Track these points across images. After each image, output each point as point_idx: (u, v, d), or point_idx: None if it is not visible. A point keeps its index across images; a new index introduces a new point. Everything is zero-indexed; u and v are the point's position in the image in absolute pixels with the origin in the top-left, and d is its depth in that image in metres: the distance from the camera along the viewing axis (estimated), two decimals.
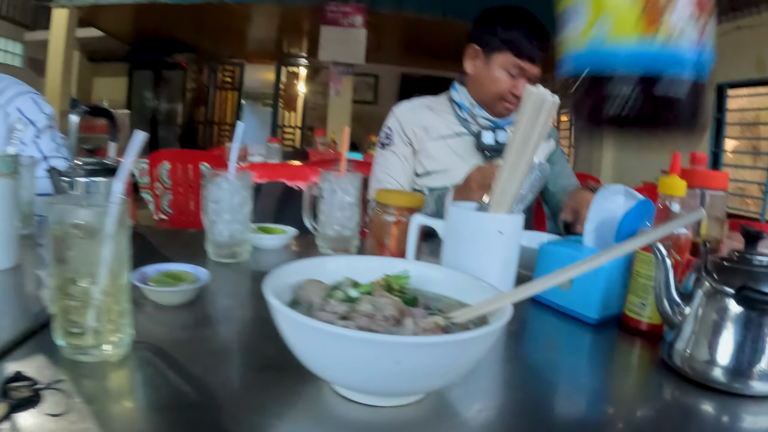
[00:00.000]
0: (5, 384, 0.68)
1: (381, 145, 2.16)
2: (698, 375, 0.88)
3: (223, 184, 1.39)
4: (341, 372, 0.69)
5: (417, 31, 9.55)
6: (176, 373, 0.80)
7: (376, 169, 2.16)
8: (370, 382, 0.69)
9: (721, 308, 0.87)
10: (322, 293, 0.82)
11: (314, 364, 0.71)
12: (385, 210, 1.26)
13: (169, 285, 1.07)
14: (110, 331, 0.81)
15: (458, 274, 0.91)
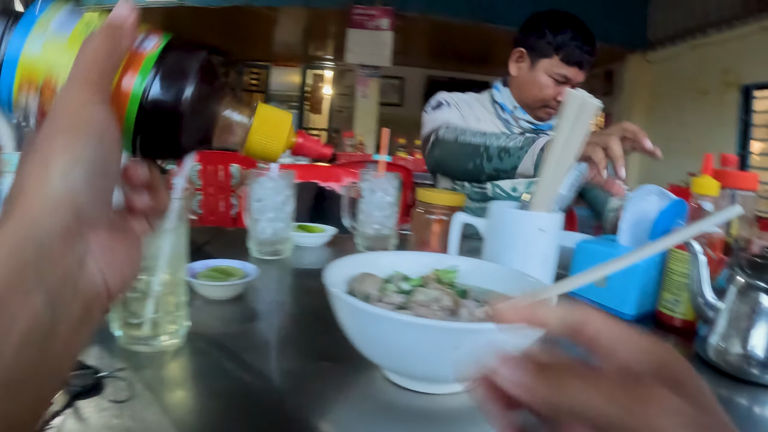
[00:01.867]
0: None
1: (432, 108, 2.04)
2: (732, 368, 0.91)
3: (267, 183, 1.43)
4: (401, 358, 0.73)
5: (444, 35, 9.54)
6: (231, 362, 0.83)
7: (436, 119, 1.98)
8: (428, 367, 0.72)
9: (753, 302, 0.91)
10: (377, 285, 0.86)
11: (374, 352, 0.75)
12: (427, 209, 1.30)
13: (219, 280, 1.10)
14: (167, 323, 0.85)
15: (504, 269, 0.95)
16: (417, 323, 0.67)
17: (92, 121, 0.40)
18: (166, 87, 0.46)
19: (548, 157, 1.05)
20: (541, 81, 1.94)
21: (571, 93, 1.01)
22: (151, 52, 0.47)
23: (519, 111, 2.03)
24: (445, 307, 0.77)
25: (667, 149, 5.49)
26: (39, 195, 0.37)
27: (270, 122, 0.54)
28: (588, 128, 1.02)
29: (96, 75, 0.42)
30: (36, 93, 0.45)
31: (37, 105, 0.46)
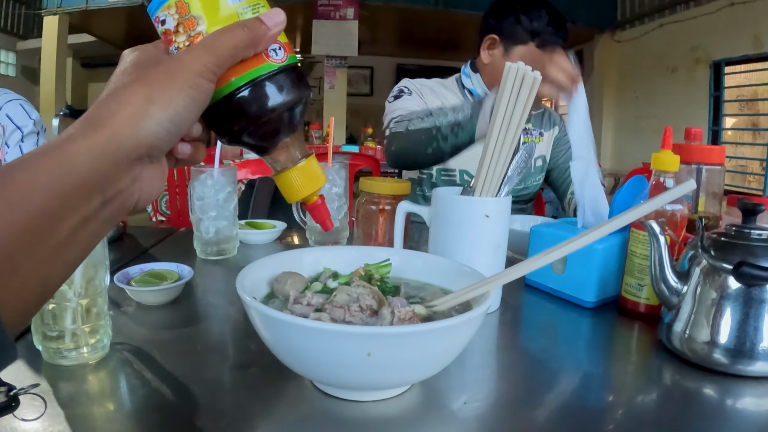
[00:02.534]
0: None
1: (393, 98, 2.01)
2: (698, 357, 0.85)
3: (208, 181, 1.38)
4: (313, 366, 0.67)
5: (411, 22, 9.51)
6: (155, 374, 0.78)
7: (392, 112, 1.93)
8: (343, 375, 0.66)
9: (719, 286, 0.83)
10: (299, 285, 0.79)
11: (287, 358, 0.68)
12: (370, 198, 1.23)
13: (152, 284, 1.05)
14: (88, 334, 0.80)
15: (441, 260, 0.89)
16: (320, 329, 0.60)
17: (200, 90, 0.49)
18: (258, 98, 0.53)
19: (489, 136, 0.97)
20: None
21: (510, 66, 0.93)
22: (272, 61, 0.53)
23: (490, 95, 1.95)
24: (367, 306, 0.70)
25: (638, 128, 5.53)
26: (131, 126, 0.46)
27: (310, 174, 0.60)
28: (530, 103, 0.94)
29: (225, 57, 0.50)
30: (176, 14, 0.52)
31: (173, 24, 0.52)
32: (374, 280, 0.82)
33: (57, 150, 0.43)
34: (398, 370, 0.64)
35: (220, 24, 0.51)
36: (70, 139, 0.44)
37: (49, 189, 0.42)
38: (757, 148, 6.59)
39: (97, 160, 0.44)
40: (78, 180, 0.43)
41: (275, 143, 0.57)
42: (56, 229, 0.42)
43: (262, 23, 0.51)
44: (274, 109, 0.53)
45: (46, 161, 0.43)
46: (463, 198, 1.02)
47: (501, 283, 0.70)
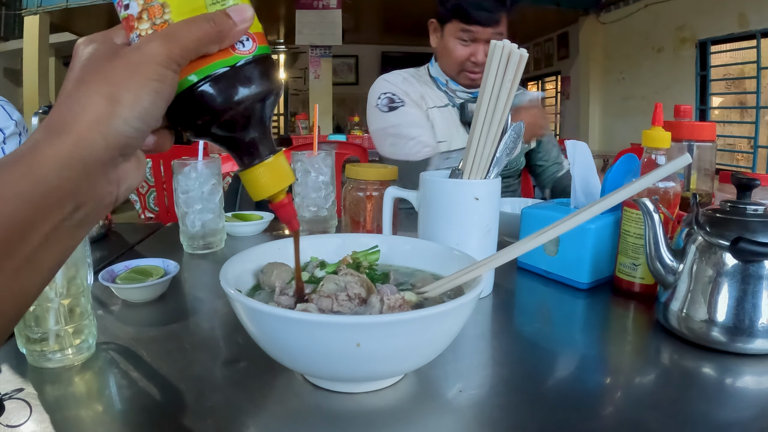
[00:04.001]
0: None
1: (390, 108, 2.04)
2: (696, 336, 0.83)
3: (192, 174, 1.36)
4: (301, 359, 0.65)
5: (394, 9, 9.50)
6: (142, 373, 0.77)
7: (405, 125, 2.00)
8: (333, 367, 0.64)
9: (716, 263, 0.82)
10: (285, 276, 0.77)
11: (274, 352, 0.67)
12: (356, 185, 1.21)
13: (137, 281, 1.03)
14: (72, 335, 0.78)
15: (431, 245, 0.87)
16: (306, 320, 0.58)
17: (165, 82, 0.46)
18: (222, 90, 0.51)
19: (476, 116, 0.95)
20: (449, 46, 1.96)
21: (495, 44, 0.91)
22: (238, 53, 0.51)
23: (451, 83, 2.04)
24: (355, 295, 0.67)
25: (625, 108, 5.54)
26: (98, 130, 0.44)
27: (278, 171, 0.58)
28: (517, 81, 0.92)
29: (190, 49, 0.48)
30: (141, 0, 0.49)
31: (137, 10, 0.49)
32: (362, 268, 0.81)
33: (23, 159, 0.42)
34: (389, 359, 0.62)
35: (186, 14, 0.49)
36: (35, 146, 0.43)
37: (19, 198, 0.41)
38: (744, 126, 6.62)
39: (65, 168, 0.43)
40: (48, 188, 0.42)
41: (241, 137, 0.55)
42: (28, 239, 0.42)
43: (228, 18, 0.49)
44: (239, 102, 0.52)
45: (14, 170, 0.42)
46: (451, 181, 1.00)
47: (493, 267, 0.69)
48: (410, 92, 2.03)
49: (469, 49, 1.93)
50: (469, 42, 1.92)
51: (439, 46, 2.02)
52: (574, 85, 9.96)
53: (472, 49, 1.92)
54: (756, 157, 6.35)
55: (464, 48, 1.93)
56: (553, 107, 11.09)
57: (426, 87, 2.07)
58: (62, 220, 0.44)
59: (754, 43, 6.26)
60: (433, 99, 2.03)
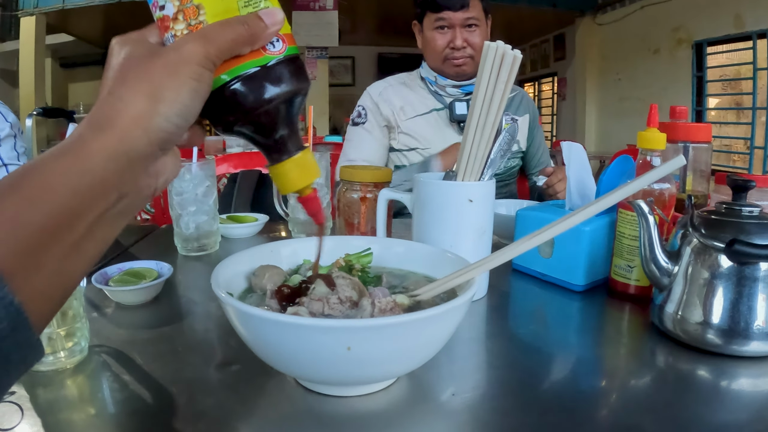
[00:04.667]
0: None
1: (353, 123, 2.16)
2: (692, 338, 0.83)
3: (186, 176, 1.35)
4: (293, 362, 0.64)
5: (390, 10, 9.50)
6: (134, 376, 0.76)
7: (347, 146, 2.14)
8: (324, 371, 0.64)
9: (711, 265, 0.81)
10: (277, 279, 0.77)
11: (266, 355, 0.66)
12: (350, 187, 1.20)
13: (130, 284, 1.03)
14: (64, 337, 0.78)
15: (424, 247, 0.87)
16: (296, 323, 0.58)
17: (203, 81, 0.49)
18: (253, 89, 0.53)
19: (470, 118, 0.95)
20: (429, 37, 2.04)
21: (488, 45, 0.91)
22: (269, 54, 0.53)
23: (440, 79, 2.08)
24: (347, 298, 0.67)
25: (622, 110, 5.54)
26: (141, 126, 0.46)
27: (305, 166, 0.59)
28: (511, 82, 0.91)
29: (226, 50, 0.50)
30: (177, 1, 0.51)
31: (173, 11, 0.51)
32: (355, 271, 0.80)
33: (71, 151, 0.45)
34: (381, 363, 0.62)
35: (221, 16, 0.51)
36: (81, 140, 0.45)
37: (67, 188, 0.43)
38: (741, 127, 6.63)
39: (110, 161, 0.45)
40: (94, 179, 0.44)
41: (271, 134, 0.57)
42: (75, 227, 0.44)
43: (261, 21, 0.52)
44: (269, 100, 0.53)
45: (62, 162, 0.44)
46: (445, 183, 0.99)
47: (487, 269, 0.68)
48: (384, 109, 2.10)
49: (447, 37, 1.99)
50: (446, 29, 1.99)
51: (423, 43, 2.10)
52: (571, 86, 9.98)
53: (449, 36, 1.99)
54: (752, 158, 6.36)
55: (442, 36, 2.00)
56: (550, 108, 11.12)
57: (413, 92, 2.13)
58: (106, 209, 0.46)
59: (750, 44, 6.28)
60: (416, 107, 2.09)
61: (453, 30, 1.97)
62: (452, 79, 2.05)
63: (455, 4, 1.94)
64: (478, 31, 1.99)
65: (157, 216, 3.89)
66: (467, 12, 1.95)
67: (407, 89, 2.13)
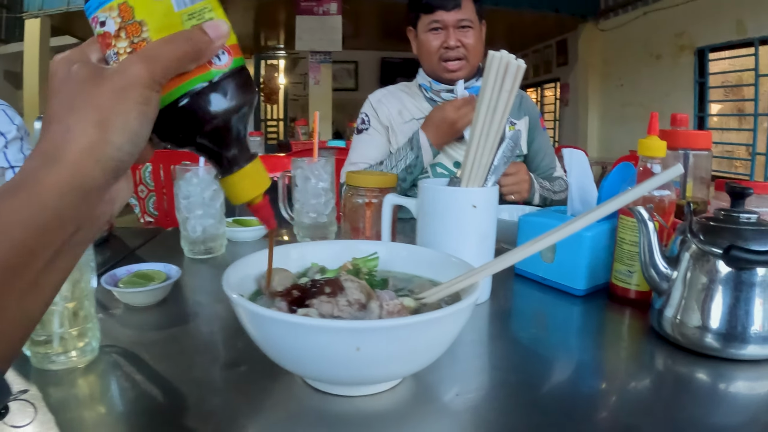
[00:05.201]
0: None
1: (357, 131, 2.20)
2: (690, 342, 0.85)
3: (193, 180, 1.37)
4: (302, 362, 0.66)
5: (394, 15, 9.50)
6: (144, 375, 0.78)
7: (351, 153, 2.18)
8: (333, 371, 0.65)
9: (709, 270, 0.83)
10: (286, 282, 0.78)
11: (275, 355, 0.68)
12: (356, 192, 1.22)
13: (139, 285, 1.04)
14: (76, 337, 0.79)
15: (428, 251, 0.89)
16: (306, 324, 0.60)
17: (150, 104, 0.48)
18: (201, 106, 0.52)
19: (474, 126, 0.97)
20: (423, 39, 2.07)
21: (492, 55, 0.93)
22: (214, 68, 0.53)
23: (435, 84, 2.11)
24: (355, 300, 0.69)
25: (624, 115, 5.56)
26: (93, 157, 0.46)
27: (254, 177, 0.59)
28: (514, 92, 0.93)
29: (171, 69, 0.49)
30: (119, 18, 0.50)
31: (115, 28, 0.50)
32: (362, 274, 0.82)
33: (24, 187, 0.45)
34: (388, 363, 0.64)
35: (164, 31, 0.50)
36: (33, 175, 0.45)
37: (23, 226, 0.43)
38: (742, 134, 6.63)
39: (65, 195, 0.45)
40: (50, 215, 0.44)
41: (220, 148, 0.56)
42: (33, 264, 0.44)
43: (205, 35, 0.51)
44: (217, 116, 0.53)
45: (16, 199, 0.44)
46: (450, 189, 1.01)
47: (490, 273, 0.70)
48: (382, 113, 2.15)
49: (441, 37, 2.02)
50: (440, 31, 2.02)
51: (418, 47, 2.13)
52: (573, 91, 10.00)
53: (443, 36, 2.01)
54: (754, 164, 6.37)
55: (436, 37, 2.02)
56: (552, 114, 11.12)
57: (411, 98, 2.17)
58: (64, 242, 0.46)
59: (752, 51, 6.29)
60: (412, 112, 2.13)
61: (446, 30, 2.00)
62: (447, 81, 2.07)
63: (448, 3, 1.98)
64: (471, 33, 2.01)
65: (161, 218, 3.90)
66: (460, 12, 1.98)
67: (405, 95, 2.18)
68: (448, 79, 2.05)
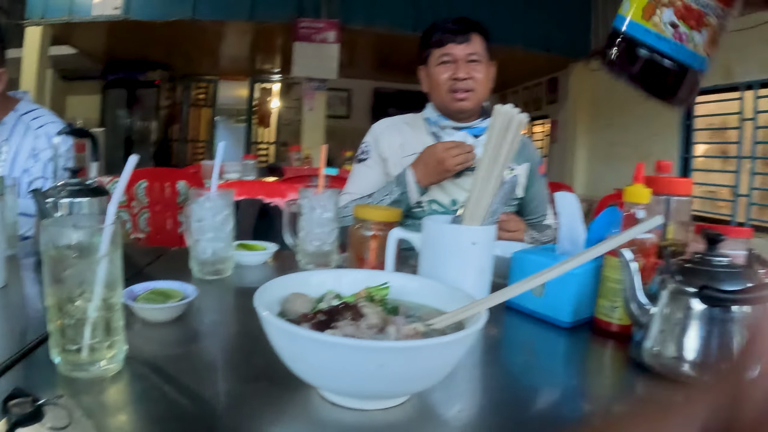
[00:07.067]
0: (5, 401, 0.68)
1: (357, 160, 2.24)
2: (667, 370, 0.93)
3: (206, 204, 1.42)
4: (329, 377, 0.73)
5: (389, 46, 9.61)
6: (171, 386, 0.82)
7: (349, 181, 2.22)
8: (357, 385, 0.73)
9: (685, 307, 0.92)
10: (308, 305, 0.86)
11: (303, 371, 0.75)
12: (363, 225, 1.30)
13: (158, 302, 1.09)
14: (105, 348, 0.83)
15: (435, 283, 0.95)
16: (341, 343, 0.68)
17: None
18: None
19: (478, 171, 1.06)
20: (433, 73, 2.11)
21: (498, 108, 1.03)
22: None
23: (442, 119, 2.15)
24: (374, 324, 0.77)
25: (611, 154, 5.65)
26: None
27: None
28: (516, 143, 1.03)
29: None
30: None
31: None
32: (375, 301, 0.89)
33: None
34: (405, 380, 0.72)
35: None
36: None
37: None
38: (726, 175, 6.71)
39: None
40: None
41: None
42: None
43: None
44: None
45: None
46: (453, 226, 1.10)
47: (490, 305, 0.78)
48: (382, 144, 2.19)
49: (450, 69, 2.07)
50: (449, 63, 2.07)
51: (428, 82, 2.17)
52: (562, 129, 10.08)
53: (452, 69, 2.06)
54: (737, 205, 6.46)
55: (445, 69, 2.07)
56: (541, 150, 11.20)
57: (413, 132, 2.20)
58: None
59: (737, 95, 6.40)
60: (415, 145, 2.13)
61: (456, 64, 2.05)
62: (454, 117, 2.12)
63: (457, 36, 2.05)
64: (480, 68, 2.07)
65: (151, 235, 3.94)
66: (469, 47, 2.05)
67: (409, 128, 2.20)
68: (456, 109, 2.09)
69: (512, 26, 8.08)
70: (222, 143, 1.52)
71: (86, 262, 0.82)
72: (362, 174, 2.19)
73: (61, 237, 0.82)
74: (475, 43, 2.06)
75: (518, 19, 8.40)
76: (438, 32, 2.09)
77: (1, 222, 1.25)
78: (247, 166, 5.70)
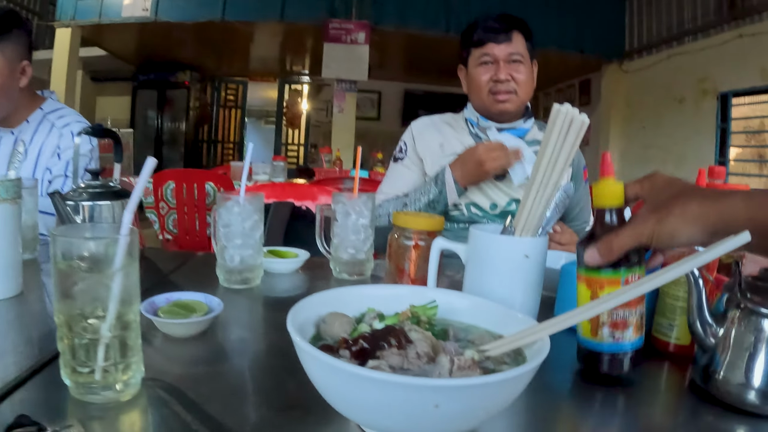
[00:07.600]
0: (8, 429, 0.63)
1: (394, 158, 2.21)
2: (733, 398, 0.85)
3: (234, 208, 1.36)
4: (375, 416, 0.65)
5: (420, 48, 9.60)
6: (192, 414, 0.74)
7: (385, 181, 2.20)
8: (407, 425, 0.64)
9: (756, 329, 0.84)
10: (347, 327, 0.78)
11: (344, 407, 0.67)
12: (403, 233, 1.24)
13: (181, 316, 1.02)
14: (120, 370, 0.77)
15: (486, 302, 0.88)
16: (389, 381, 0.59)
17: None
18: None
19: (533, 177, 0.99)
20: (473, 73, 2.06)
21: (557, 108, 0.95)
22: None
23: (482, 120, 2.10)
24: (424, 353, 0.69)
25: (644, 157, 5.57)
26: None
27: None
28: (576, 145, 0.95)
29: None
30: None
31: None
32: (422, 323, 0.82)
33: None
34: (462, 419, 0.64)
35: None
36: None
37: None
38: (763, 179, 6.61)
39: None
40: None
41: None
42: None
43: None
44: None
45: None
46: (504, 237, 1.03)
47: (554, 330, 0.71)
48: (420, 144, 2.15)
49: (491, 71, 2.02)
50: (490, 65, 2.02)
51: (468, 83, 2.13)
52: (595, 131, 9.99)
53: (493, 70, 2.01)
54: None
55: (486, 70, 2.02)
56: None
57: (454, 132, 2.16)
58: None
59: None
60: (455, 145, 2.10)
61: (497, 64, 1.99)
62: (495, 118, 2.07)
63: (498, 36, 1.99)
64: (522, 68, 2.01)
65: (180, 237, 3.92)
66: (510, 46, 1.99)
67: (449, 128, 2.16)
68: (497, 111, 2.04)
69: (545, 27, 8.01)
70: (251, 144, 1.46)
71: (99, 276, 0.75)
72: (399, 173, 2.16)
73: (72, 248, 0.75)
74: (516, 42, 2.01)
75: (551, 20, 8.32)
76: (478, 31, 2.03)
77: (17, 226, 1.19)
78: (276, 167, 5.66)
